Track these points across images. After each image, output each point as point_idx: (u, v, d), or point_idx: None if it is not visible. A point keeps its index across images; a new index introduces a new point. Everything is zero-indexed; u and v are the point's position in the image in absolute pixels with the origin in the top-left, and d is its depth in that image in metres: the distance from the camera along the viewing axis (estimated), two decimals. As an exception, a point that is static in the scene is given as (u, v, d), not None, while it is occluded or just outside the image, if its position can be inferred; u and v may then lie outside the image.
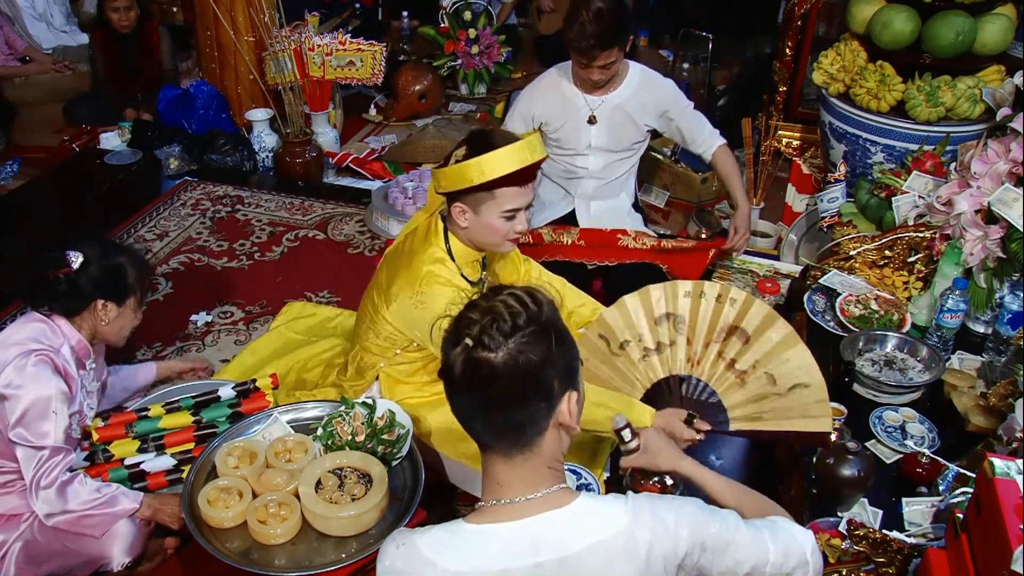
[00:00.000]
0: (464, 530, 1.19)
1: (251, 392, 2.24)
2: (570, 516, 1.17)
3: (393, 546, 1.22)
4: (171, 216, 3.82)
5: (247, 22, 4.24)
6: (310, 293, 3.21)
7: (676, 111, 2.83)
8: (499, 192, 1.94)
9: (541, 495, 1.18)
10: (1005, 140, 2.35)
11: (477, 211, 1.98)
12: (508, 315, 1.13)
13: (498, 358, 1.11)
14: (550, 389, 1.15)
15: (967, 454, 1.86)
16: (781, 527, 1.26)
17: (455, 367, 1.14)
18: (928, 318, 2.34)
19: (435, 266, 2.04)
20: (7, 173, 4.23)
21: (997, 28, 2.75)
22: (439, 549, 1.18)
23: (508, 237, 2.03)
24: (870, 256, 2.56)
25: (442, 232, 2.08)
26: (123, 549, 1.95)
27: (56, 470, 1.87)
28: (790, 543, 1.24)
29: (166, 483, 2.07)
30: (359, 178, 4.21)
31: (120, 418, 2.17)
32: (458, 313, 1.18)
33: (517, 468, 1.18)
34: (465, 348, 1.13)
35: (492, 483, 1.20)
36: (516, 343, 1.11)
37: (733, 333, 2.00)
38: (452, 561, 1.16)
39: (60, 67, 4.71)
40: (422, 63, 5.07)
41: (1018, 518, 1.25)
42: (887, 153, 2.89)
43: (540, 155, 1.96)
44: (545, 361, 1.13)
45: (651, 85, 2.82)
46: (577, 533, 1.15)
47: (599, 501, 1.20)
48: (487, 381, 1.12)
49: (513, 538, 1.16)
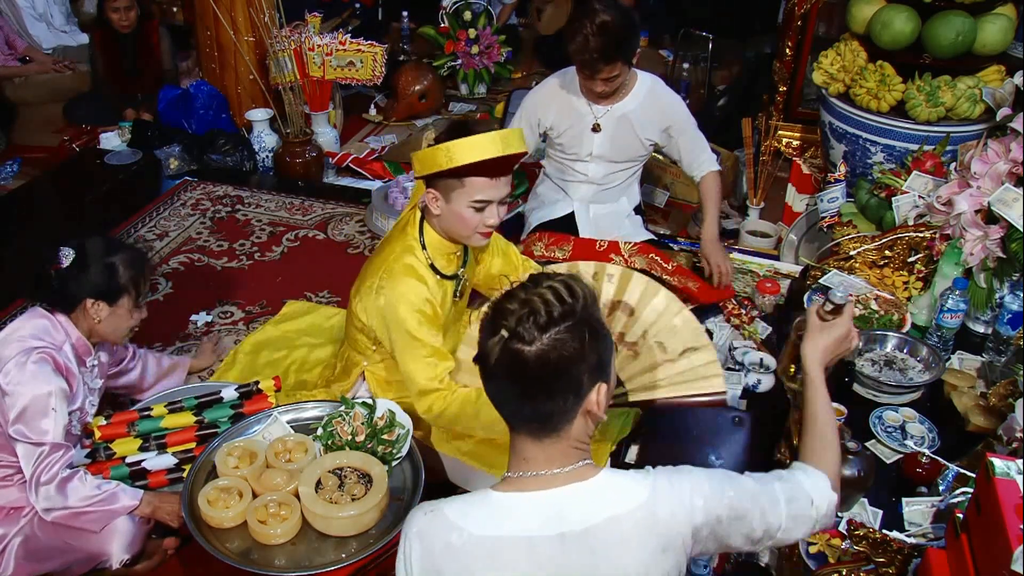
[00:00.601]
0: (491, 498, 1.23)
1: (254, 394, 2.25)
2: (593, 489, 1.21)
3: (420, 513, 1.25)
4: (171, 216, 3.82)
5: (247, 22, 4.24)
6: (310, 293, 3.21)
7: (679, 128, 2.80)
8: (468, 181, 1.93)
9: (567, 470, 1.22)
10: (1005, 140, 2.35)
11: (448, 199, 1.97)
12: (544, 309, 1.15)
13: (532, 351, 1.14)
14: (579, 383, 1.18)
15: (967, 454, 1.86)
16: (798, 485, 1.30)
17: (491, 355, 1.17)
18: (928, 318, 2.34)
19: (403, 255, 2.04)
20: (7, 173, 4.23)
21: (997, 28, 2.75)
22: (466, 515, 1.21)
23: (478, 230, 2.01)
24: (870, 256, 2.56)
25: (418, 222, 2.08)
26: (122, 546, 1.95)
27: (56, 466, 1.87)
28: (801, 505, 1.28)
29: (167, 481, 2.08)
30: (359, 178, 4.21)
31: (122, 417, 2.18)
32: (495, 301, 1.21)
33: (545, 448, 1.22)
34: (501, 339, 1.16)
35: (519, 458, 1.24)
36: (551, 338, 1.14)
37: (617, 308, 2.06)
38: (478, 526, 1.20)
39: (60, 67, 4.71)
40: (422, 63, 5.07)
41: (1018, 518, 1.25)
42: (887, 153, 2.89)
43: (516, 149, 1.92)
44: (577, 356, 1.16)
45: (658, 98, 2.78)
46: (599, 505, 1.19)
47: (620, 476, 1.24)
48: (520, 372, 1.16)
49: (538, 507, 1.20)
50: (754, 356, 2.67)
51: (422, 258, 2.05)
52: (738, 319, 2.95)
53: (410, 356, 2.02)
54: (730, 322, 2.94)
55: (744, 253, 3.43)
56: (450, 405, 2.00)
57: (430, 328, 2.02)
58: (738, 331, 2.89)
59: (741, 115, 3.80)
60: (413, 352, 2.02)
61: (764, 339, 2.86)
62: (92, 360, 2.09)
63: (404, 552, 1.24)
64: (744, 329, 2.90)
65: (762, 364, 2.64)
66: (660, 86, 2.81)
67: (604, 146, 2.81)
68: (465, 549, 1.19)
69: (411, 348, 2.01)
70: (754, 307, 3.02)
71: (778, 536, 1.27)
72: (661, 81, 2.84)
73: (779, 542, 1.30)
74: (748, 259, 3.38)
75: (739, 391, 2.51)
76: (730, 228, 3.70)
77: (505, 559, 1.18)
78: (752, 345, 2.79)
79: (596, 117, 2.77)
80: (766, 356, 2.68)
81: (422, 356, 2.01)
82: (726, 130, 4.02)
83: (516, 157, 1.95)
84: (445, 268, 2.10)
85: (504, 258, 2.38)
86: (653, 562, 1.18)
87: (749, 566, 2.05)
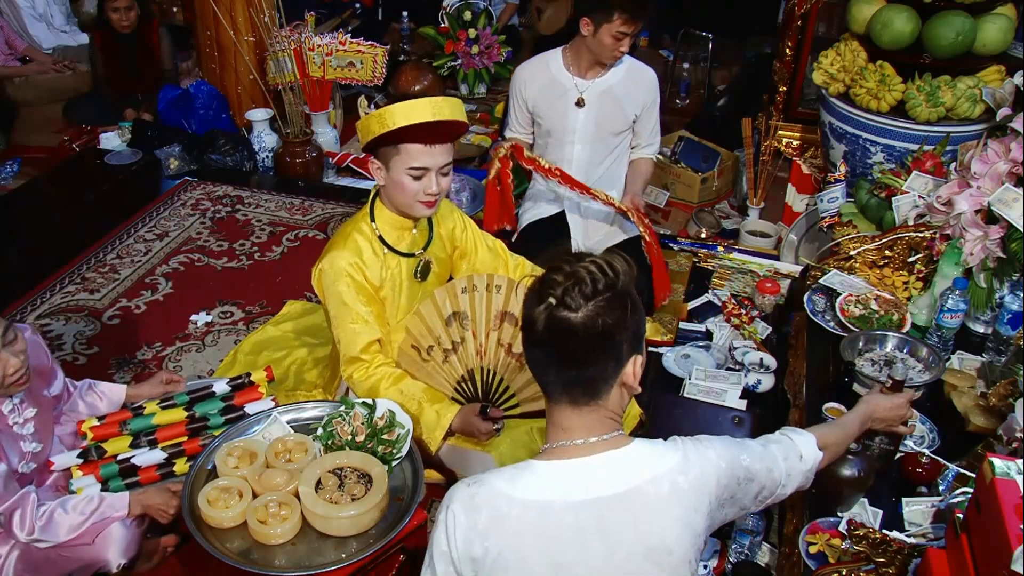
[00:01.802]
0: (535, 466, 1.29)
1: (245, 386, 2.24)
2: (630, 455, 1.29)
3: (464, 486, 1.30)
4: (171, 216, 3.82)
5: (247, 22, 4.25)
6: (310, 293, 3.21)
7: (651, 106, 2.90)
8: (404, 148, 2.00)
9: (605, 438, 1.29)
10: (1005, 140, 2.35)
11: (388, 166, 2.05)
12: (590, 279, 1.21)
13: (578, 317, 1.21)
14: (620, 350, 1.25)
15: (967, 454, 1.86)
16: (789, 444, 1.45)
17: (538, 323, 1.23)
18: (928, 318, 2.34)
19: (349, 229, 2.15)
20: (7, 173, 4.23)
21: (997, 28, 2.75)
22: (513, 483, 1.28)
23: (418, 198, 2.07)
24: (870, 256, 2.56)
25: (372, 197, 2.17)
26: (119, 551, 1.94)
27: (27, 521, 1.83)
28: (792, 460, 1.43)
29: (158, 477, 2.07)
30: (359, 178, 4.21)
31: (115, 416, 2.17)
32: (542, 275, 1.27)
33: (584, 416, 1.29)
34: (548, 306, 1.22)
35: (557, 428, 1.31)
36: (595, 305, 1.21)
37: (504, 319, 2.17)
38: (525, 493, 1.26)
39: (60, 67, 4.71)
40: (422, 63, 5.07)
41: (1018, 518, 1.25)
42: (887, 153, 2.89)
43: (448, 116, 1.99)
44: (619, 324, 1.23)
45: (639, 73, 2.88)
46: (637, 470, 1.27)
47: (653, 444, 1.32)
48: (566, 337, 1.22)
49: (580, 473, 1.27)
50: (754, 356, 2.68)
51: (368, 230, 2.14)
52: (738, 319, 2.95)
53: (338, 321, 2.13)
54: (730, 322, 2.95)
55: (744, 253, 3.44)
56: (369, 377, 2.11)
57: (358, 295, 2.11)
58: (738, 331, 2.90)
59: (741, 115, 3.81)
60: (341, 318, 2.12)
61: (764, 339, 2.86)
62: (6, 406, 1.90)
63: (446, 523, 1.28)
64: (744, 329, 2.90)
65: (762, 364, 2.64)
66: (636, 62, 2.90)
67: (589, 123, 2.85)
68: (513, 514, 1.25)
69: (340, 313, 2.12)
70: (754, 307, 3.03)
71: (778, 492, 1.40)
72: (633, 57, 2.92)
73: (777, 497, 1.42)
74: (748, 259, 3.38)
75: (739, 391, 2.52)
76: (730, 228, 3.70)
77: (552, 523, 1.25)
78: (752, 345, 2.80)
79: (580, 91, 2.82)
80: (766, 356, 2.69)
81: (348, 323, 2.11)
82: (726, 130, 4.02)
83: (452, 125, 2.02)
84: (396, 243, 2.17)
85: (491, 253, 2.42)
86: (688, 521, 1.27)
87: (749, 566, 2.05)
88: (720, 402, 2.45)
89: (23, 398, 1.94)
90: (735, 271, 3.31)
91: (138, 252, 3.53)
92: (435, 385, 2.18)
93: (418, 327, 2.18)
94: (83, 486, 2.02)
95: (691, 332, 2.94)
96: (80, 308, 3.17)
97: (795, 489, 1.45)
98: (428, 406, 2.09)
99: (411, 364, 2.19)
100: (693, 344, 2.82)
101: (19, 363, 1.83)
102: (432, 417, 2.09)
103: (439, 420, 2.09)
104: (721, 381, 2.56)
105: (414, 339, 2.18)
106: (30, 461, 1.95)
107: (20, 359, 1.83)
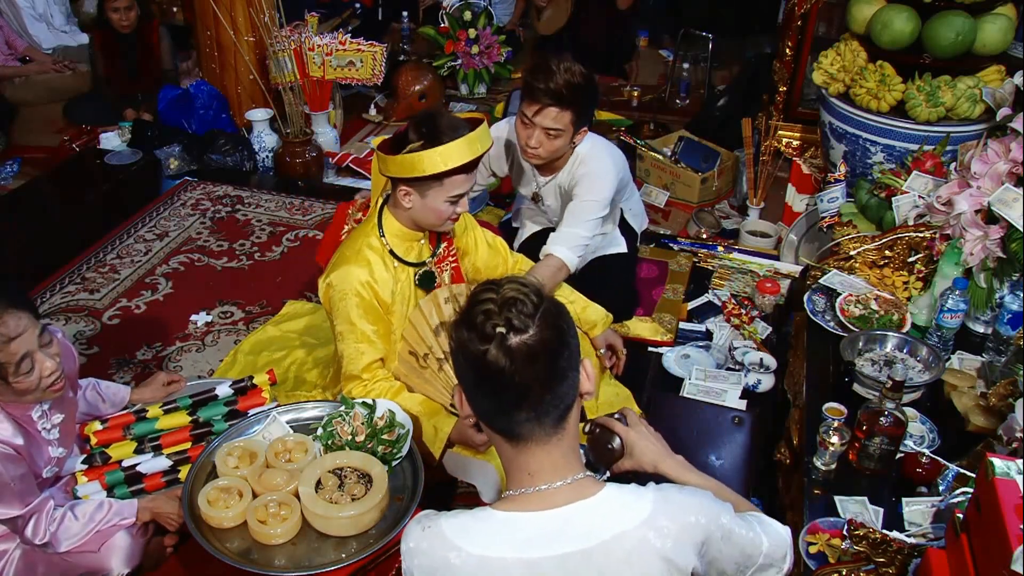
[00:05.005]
0: (492, 516, 1.19)
1: (248, 389, 2.24)
2: (596, 506, 1.19)
3: (419, 528, 1.22)
4: (171, 216, 3.82)
5: (247, 22, 4.25)
6: (310, 293, 3.21)
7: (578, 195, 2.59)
8: (447, 180, 2.02)
9: (569, 482, 1.19)
10: (1005, 140, 2.35)
11: (424, 195, 2.06)
12: (523, 296, 1.15)
13: (534, 337, 1.12)
14: (576, 356, 1.19)
15: (967, 454, 1.86)
16: (765, 521, 1.34)
17: (496, 361, 1.12)
18: (928, 318, 2.34)
19: (357, 244, 2.13)
20: (7, 173, 4.23)
21: (997, 28, 2.75)
22: (466, 534, 1.18)
23: (450, 218, 2.11)
24: (870, 256, 2.56)
25: (378, 210, 2.16)
26: (122, 560, 1.94)
27: (42, 527, 1.84)
28: (776, 535, 1.32)
29: (163, 484, 2.07)
30: (359, 178, 4.21)
31: (118, 420, 2.17)
32: (466, 312, 1.17)
33: (551, 451, 1.19)
34: (500, 338, 1.12)
35: (522, 474, 1.20)
36: (540, 319, 1.14)
37: None
38: (478, 547, 1.16)
39: (60, 67, 4.72)
40: (422, 63, 5.07)
41: (1018, 518, 1.25)
42: (887, 153, 2.89)
43: (485, 148, 2.05)
44: (568, 330, 1.17)
45: (584, 165, 2.61)
46: (603, 523, 1.17)
47: (623, 491, 1.21)
48: (531, 361, 1.12)
49: (540, 527, 1.17)
50: (754, 356, 2.68)
51: (378, 245, 2.14)
52: (738, 319, 2.95)
53: (343, 338, 2.14)
54: (730, 322, 2.95)
55: (744, 253, 3.44)
56: (368, 394, 2.12)
57: (365, 314, 2.11)
58: (738, 331, 2.90)
59: (741, 115, 3.80)
60: (346, 336, 2.13)
61: (764, 339, 2.86)
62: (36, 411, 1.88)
63: (405, 566, 1.22)
64: (744, 329, 2.90)
65: (762, 364, 2.64)
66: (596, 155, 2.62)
67: (556, 213, 2.76)
68: (465, 570, 1.16)
69: (345, 331, 2.13)
70: (754, 307, 3.03)
71: (760, 562, 1.27)
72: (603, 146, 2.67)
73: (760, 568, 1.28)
74: (748, 259, 3.38)
75: (739, 391, 2.52)
76: (730, 228, 3.70)
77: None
78: (752, 345, 2.80)
79: (539, 187, 2.76)
80: (766, 356, 2.69)
81: (352, 341, 2.12)
82: (726, 130, 4.02)
83: (487, 151, 2.08)
84: (406, 254, 2.18)
85: (492, 251, 2.42)
86: (662, 572, 1.17)
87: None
88: (720, 402, 2.46)
89: (51, 403, 1.91)
90: (735, 271, 3.31)
91: (138, 252, 3.53)
92: (433, 393, 2.18)
93: (412, 335, 2.18)
94: (88, 492, 2.03)
95: (691, 332, 2.94)
96: (80, 308, 3.17)
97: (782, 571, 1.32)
98: (426, 420, 2.10)
99: (411, 371, 2.19)
100: (693, 344, 2.83)
101: (54, 365, 1.79)
102: (430, 431, 2.10)
103: (437, 434, 2.10)
104: (721, 381, 2.57)
105: (411, 346, 2.19)
106: (54, 466, 1.95)
107: (56, 361, 1.79)
